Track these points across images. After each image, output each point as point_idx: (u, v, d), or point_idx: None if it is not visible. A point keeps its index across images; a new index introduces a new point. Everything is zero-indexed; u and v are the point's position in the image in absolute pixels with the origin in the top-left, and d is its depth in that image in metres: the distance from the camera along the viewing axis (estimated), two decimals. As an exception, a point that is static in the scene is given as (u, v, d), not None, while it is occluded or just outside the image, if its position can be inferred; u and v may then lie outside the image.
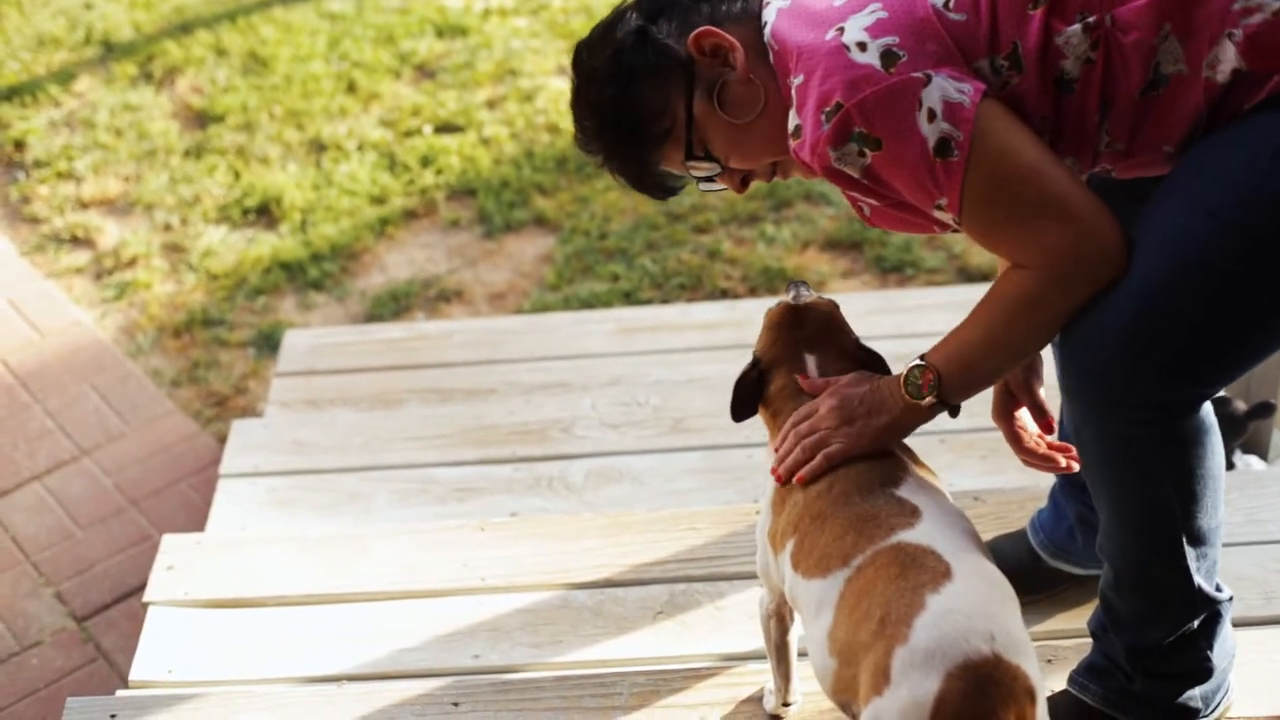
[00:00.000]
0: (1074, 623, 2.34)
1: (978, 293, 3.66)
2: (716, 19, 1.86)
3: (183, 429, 3.66)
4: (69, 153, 4.88)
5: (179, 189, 4.66)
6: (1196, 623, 1.96)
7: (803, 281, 2.06)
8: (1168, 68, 1.69)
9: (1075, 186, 1.71)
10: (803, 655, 2.01)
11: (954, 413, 1.88)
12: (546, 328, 3.80)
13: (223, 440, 3.42)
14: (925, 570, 1.67)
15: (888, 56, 1.69)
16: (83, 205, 4.64)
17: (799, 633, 2.04)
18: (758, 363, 2.01)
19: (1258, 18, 1.65)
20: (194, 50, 5.40)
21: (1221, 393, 2.66)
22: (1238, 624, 2.08)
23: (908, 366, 1.85)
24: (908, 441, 1.94)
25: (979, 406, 2.05)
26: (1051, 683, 2.10)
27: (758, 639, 2.14)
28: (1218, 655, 2.01)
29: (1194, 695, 2.02)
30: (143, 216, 4.57)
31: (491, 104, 5.03)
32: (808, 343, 1.98)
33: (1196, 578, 1.90)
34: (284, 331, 3.88)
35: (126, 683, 2.48)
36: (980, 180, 1.69)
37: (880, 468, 1.86)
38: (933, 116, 1.67)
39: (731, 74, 1.85)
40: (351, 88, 5.16)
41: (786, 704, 2.16)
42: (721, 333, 3.66)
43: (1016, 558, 2.36)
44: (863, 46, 1.70)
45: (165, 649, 2.51)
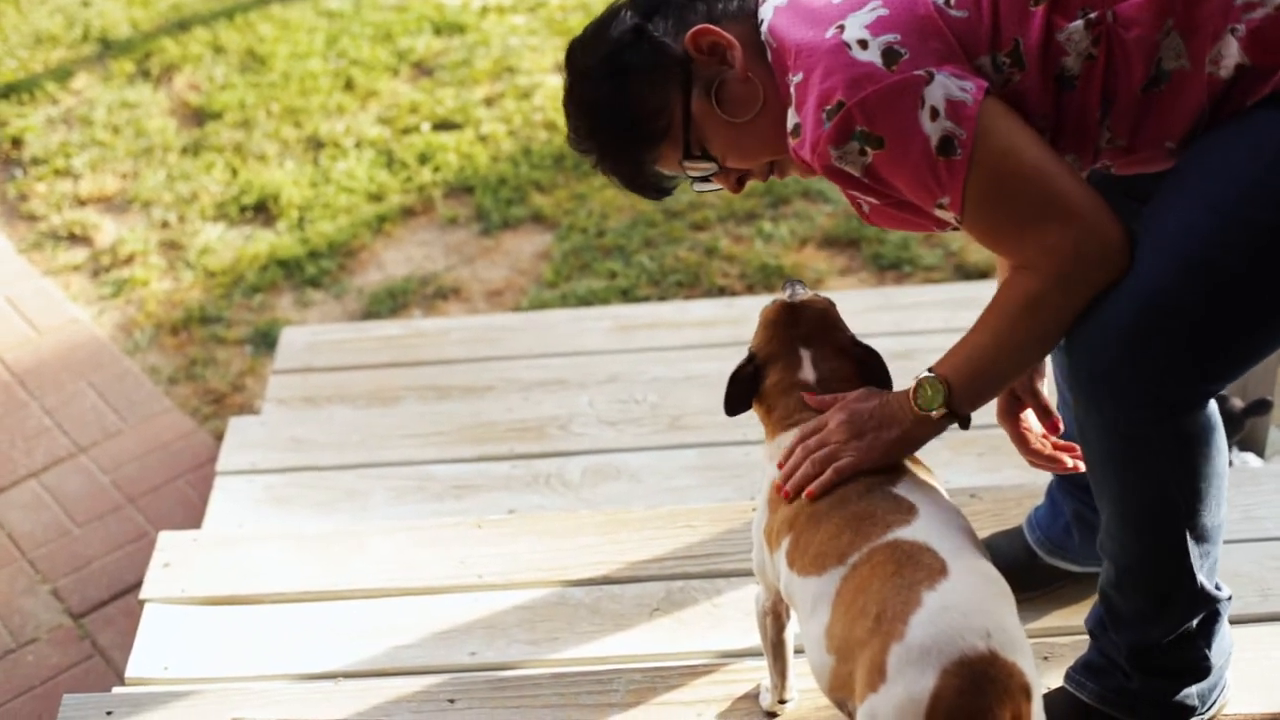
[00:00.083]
0: (1070, 620, 2.34)
1: (975, 290, 3.77)
2: (713, 17, 1.85)
3: (180, 426, 3.66)
4: (66, 150, 4.88)
5: (176, 186, 4.66)
6: (1196, 621, 1.96)
7: (799, 280, 2.05)
8: (1170, 64, 1.68)
9: (1077, 185, 1.71)
10: (799, 652, 2.01)
11: (964, 424, 1.86)
12: (544, 325, 3.80)
13: (220, 437, 3.42)
14: (921, 567, 1.67)
15: (889, 54, 1.68)
16: (80, 202, 4.64)
17: (795, 630, 2.04)
18: (753, 358, 2.01)
19: (1261, 12, 1.64)
20: (191, 48, 5.39)
21: (1218, 390, 2.66)
22: (1234, 621, 2.08)
23: (917, 379, 1.83)
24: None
25: (976, 403, 2.04)
26: (1048, 680, 2.10)
27: (754, 636, 2.14)
28: (1216, 653, 2.01)
29: (1191, 693, 2.02)
30: (140, 214, 4.56)
31: (489, 101, 5.03)
32: (803, 339, 1.98)
33: (1199, 576, 1.90)
34: (281, 329, 3.88)
35: (123, 680, 2.48)
36: (983, 179, 1.69)
37: (877, 465, 1.86)
38: (935, 115, 1.66)
39: (729, 72, 1.84)
40: (349, 85, 5.16)
41: (783, 701, 2.16)
42: (719, 330, 3.66)
43: (1013, 555, 2.36)
44: (864, 44, 1.69)
45: (162, 646, 2.51)
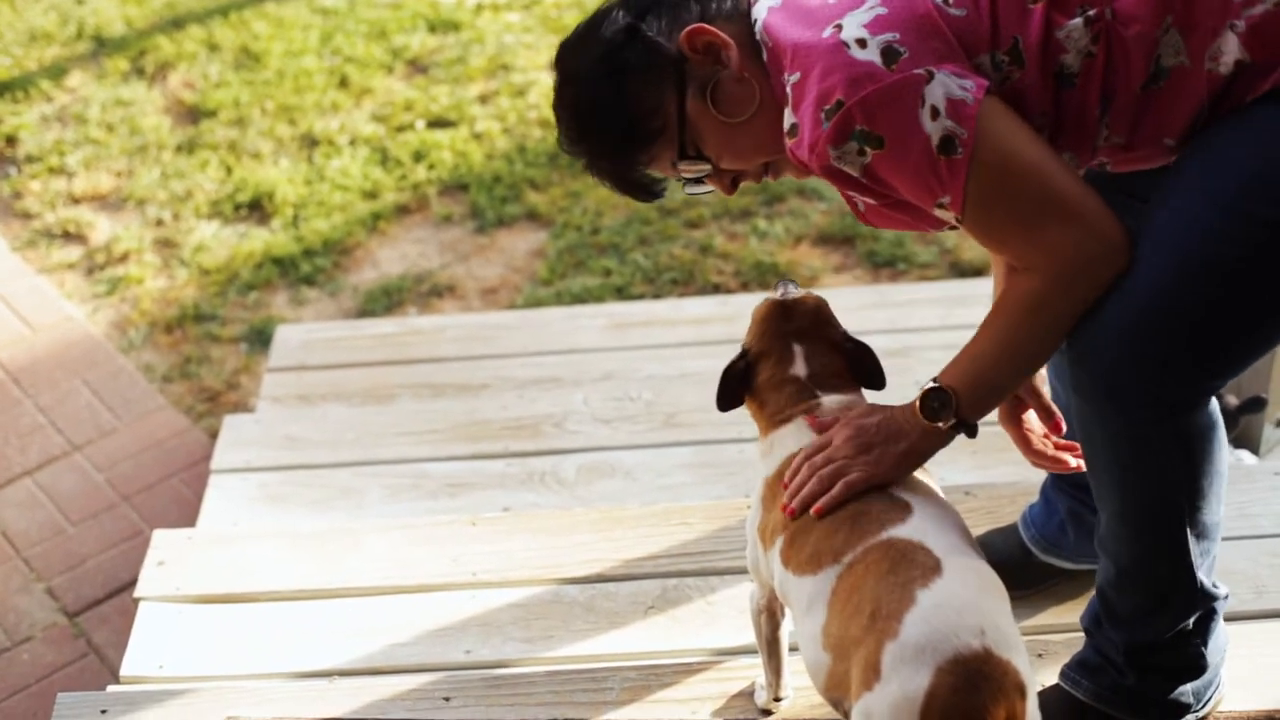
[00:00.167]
0: (1065, 617, 2.34)
1: (971, 287, 3.77)
2: (707, 16, 1.83)
3: (174, 424, 3.66)
4: (61, 148, 4.87)
5: (171, 184, 4.65)
6: (1193, 619, 1.96)
7: (791, 279, 2.05)
8: (1168, 60, 1.68)
9: (1077, 184, 1.71)
10: (794, 650, 2.01)
11: (971, 433, 1.85)
12: (539, 323, 3.80)
13: (214, 435, 3.42)
14: (916, 565, 1.67)
15: (889, 53, 1.67)
16: (74, 200, 4.63)
17: (790, 628, 2.04)
18: (745, 354, 2.01)
19: (1260, 8, 1.64)
20: (186, 45, 5.38)
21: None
22: (1228, 619, 2.08)
23: (922, 389, 1.82)
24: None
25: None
26: (1042, 677, 2.10)
27: (749, 634, 2.14)
28: (1211, 651, 2.02)
29: (1186, 691, 2.02)
30: (134, 212, 4.56)
31: (484, 99, 5.02)
32: (796, 335, 1.98)
33: (1199, 574, 1.90)
34: (276, 327, 3.88)
35: (118, 678, 2.48)
36: (984, 178, 1.68)
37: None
38: (936, 114, 1.66)
39: (725, 72, 1.82)
40: (344, 83, 5.15)
41: (778, 699, 2.16)
42: (714, 328, 3.65)
43: (1008, 552, 2.36)
44: (862, 43, 1.68)
45: (156, 644, 2.51)
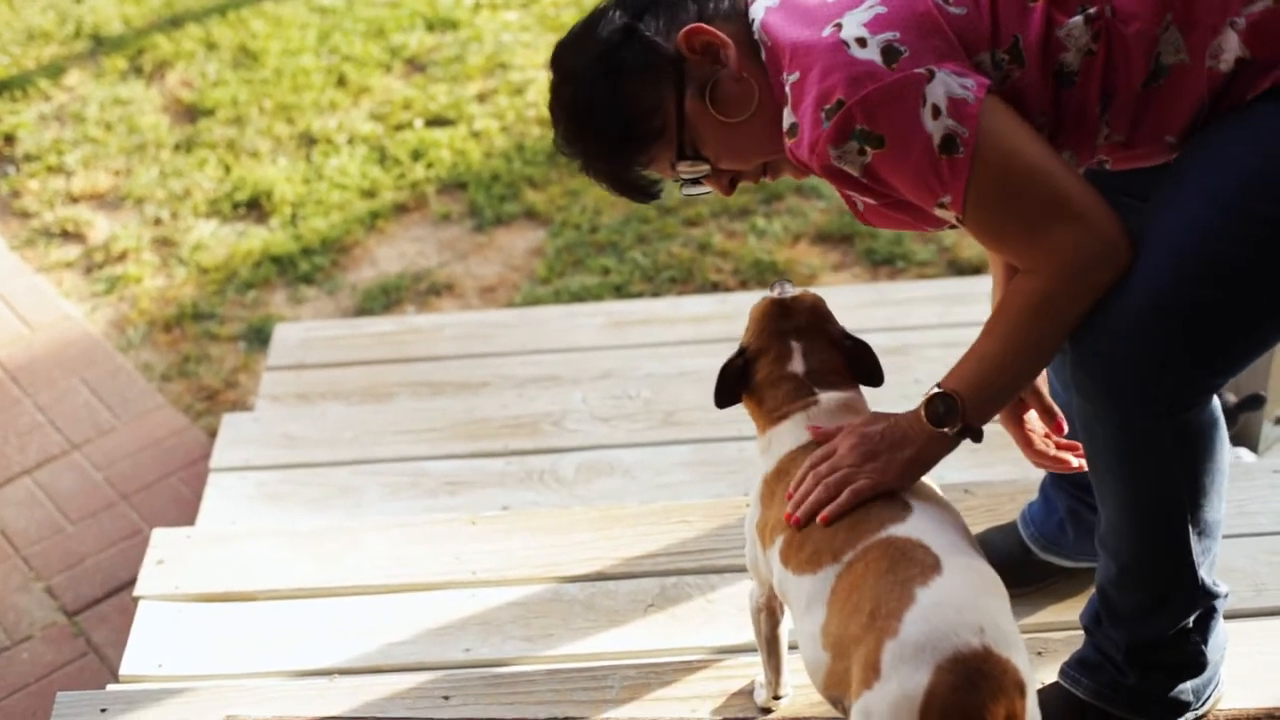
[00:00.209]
0: (1064, 615, 2.34)
1: (969, 285, 3.77)
2: (705, 16, 1.83)
3: (173, 423, 3.66)
4: (59, 147, 4.86)
5: (169, 183, 4.65)
6: (1193, 617, 1.96)
7: (787, 279, 2.05)
8: (1169, 58, 1.68)
9: (1078, 184, 1.70)
10: (793, 648, 2.01)
11: (977, 437, 1.84)
12: (537, 321, 3.80)
13: (213, 434, 3.41)
14: (915, 564, 1.67)
15: (889, 52, 1.67)
16: (73, 199, 4.63)
17: (789, 626, 2.04)
18: (743, 351, 2.00)
19: (1261, 5, 1.64)
20: (184, 44, 5.38)
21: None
22: (1228, 617, 2.08)
23: (927, 395, 1.82)
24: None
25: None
26: (1041, 675, 2.10)
27: (749, 632, 2.14)
28: (1211, 649, 2.02)
29: (1185, 689, 2.02)
30: (133, 210, 4.55)
31: (482, 97, 5.02)
32: (794, 332, 1.97)
33: (1200, 572, 1.91)
34: (274, 325, 3.87)
35: (117, 677, 2.48)
36: (986, 177, 1.68)
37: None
38: (937, 113, 1.65)
39: (724, 72, 1.81)
40: (342, 81, 5.15)
41: (777, 697, 2.16)
42: (712, 326, 3.66)
43: (1007, 550, 2.36)
44: (862, 42, 1.68)
45: (156, 643, 2.51)
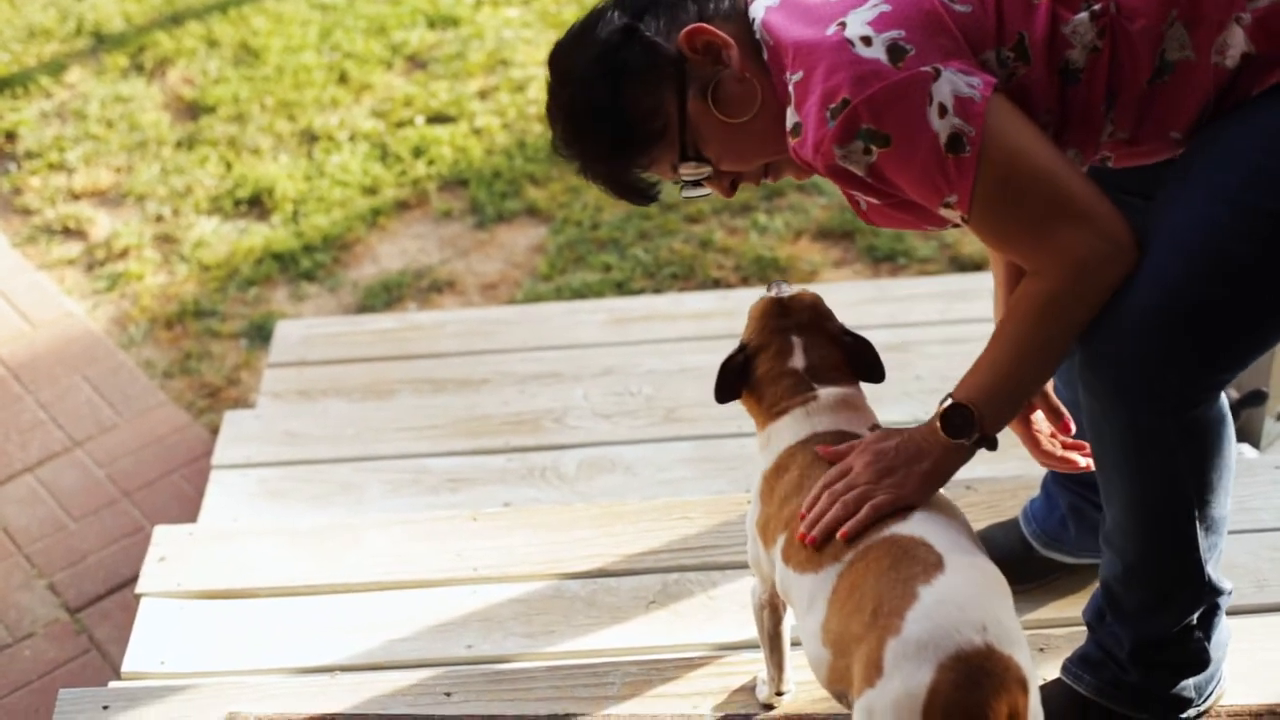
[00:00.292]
0: (1066, 611, 2.34)
1: (971, 282, 3.77)
2: (705, 15, 1.81)
3: (175, 420, 3.66)
4: (60, 144, 4.86)
5: (170, 180, 4.65)
6: (1197, 614, 1.96)
7: (783, 280, 2.05)
8: (1174, 54, 1.68)
9: (1085, 184, 1.70)
10: (796, 644, 2.01)
11: (992, 446, 1.82)
12: (539, 318, 3.80)
13: (215, 431, 3.42)
14: (917, 562, 1.67)
15: (895, 51, 1.66)
16: (74, 196, 4.63)
17: (792, 622, 2.04)
18: (744, 347, 2.00)
19: (1266, 0, 1.64)
20: (185, 41, 5.38)
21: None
22: (1230, 613, 2.07)
23: (941, 408, 1.80)
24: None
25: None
26: (1043, 671, 2.10)
27: (751, 628, 2.14)
28: (1214, 646, 2.02)
29: (1188, 685, 2.02)
30: (134, 208, 4.55)
31: (483, 94, 5.02)
32: (795, 328, 1.97)
33: (1206, 568, 1.90)
34: (276, 322, 3.87)
35: (119, 674, 2.47)
36: (992, 176, 1.67)
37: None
38: (944, 112, 1.65)
39: (725, 72, 1.80)
40: (343, 78, 5.15)
41: (780, 693, 2.16)
42: (714, 322, 3.65)
43: (1009, 547, 2.36)
44: (867, 41, 1.66)
45: (158, 640, 2.51)
